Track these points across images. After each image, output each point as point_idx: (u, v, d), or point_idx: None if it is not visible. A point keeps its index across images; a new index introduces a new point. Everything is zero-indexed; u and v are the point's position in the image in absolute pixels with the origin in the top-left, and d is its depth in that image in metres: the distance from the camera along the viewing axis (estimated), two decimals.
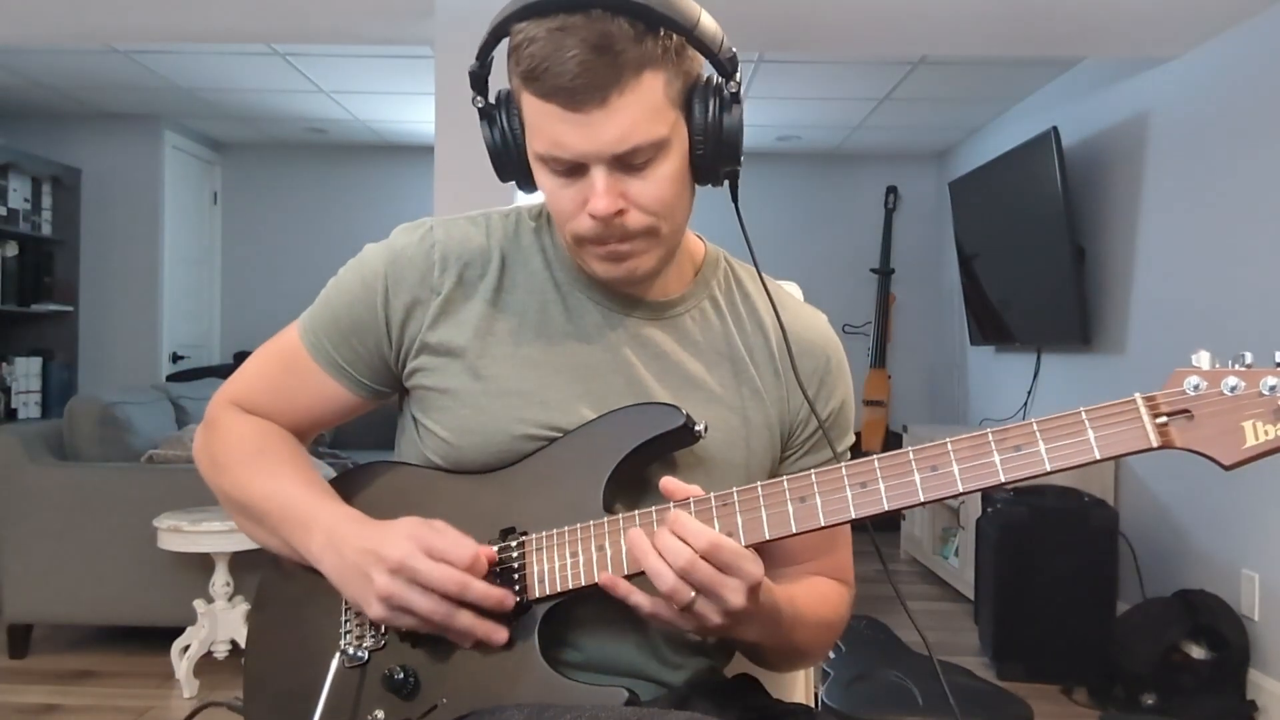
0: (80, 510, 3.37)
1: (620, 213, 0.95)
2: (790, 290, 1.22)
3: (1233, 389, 0.83)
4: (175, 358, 5.84)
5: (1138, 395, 0.84)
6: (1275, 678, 3.03)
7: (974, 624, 3.75)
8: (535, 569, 0.97)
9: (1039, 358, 4.65)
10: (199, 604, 3.12)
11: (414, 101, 5.12)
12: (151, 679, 3.23)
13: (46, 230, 5.41)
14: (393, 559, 0.94)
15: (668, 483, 0.95)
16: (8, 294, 5.15)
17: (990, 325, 4.99)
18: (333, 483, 1.11)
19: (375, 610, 0.96)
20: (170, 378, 5.48)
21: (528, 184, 1.03)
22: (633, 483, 1.02)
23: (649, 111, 0.92)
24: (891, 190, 6.21)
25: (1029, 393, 4.71)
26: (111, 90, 5.09)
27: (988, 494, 3.72)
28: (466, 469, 1.04)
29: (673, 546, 0.89)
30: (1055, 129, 4.08)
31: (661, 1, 0.91)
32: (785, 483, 0.93)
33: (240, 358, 5.82)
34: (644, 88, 0.92)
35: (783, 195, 6.09)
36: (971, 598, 3.89)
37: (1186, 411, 0.83)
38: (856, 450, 1.14)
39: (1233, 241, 3.28)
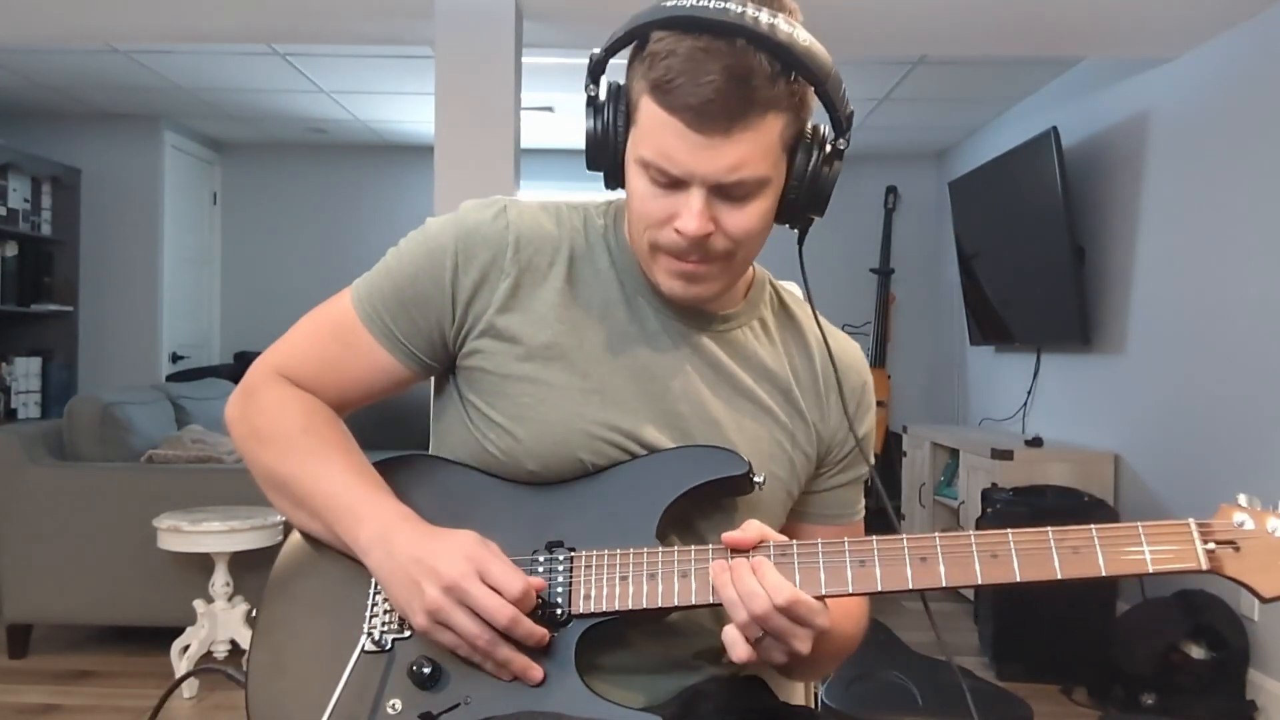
0: (80, 510, 3.37)
1: (707, 235, 0.97)
2: (792, 291, 1.23)
3: (1273, 530, 0.93)
4: (175, 358, 5.84)
5: (1192, 521, 0.92)
6: (1275, 678, 3.03)
7: (974, 624, 3.75)
8: (582, 586, 0.98)
9: (1039, 358, 4.65)
10: (199, 604, 3.12)
11: (414, 101, 5.12)
12: (151, 679, 3.23)
13: (46, 230, 5.41)
14: (448, 577, 0.94)
15: (729, 537, 0.96)
16: (7, 294, 5.16)
17: (990, 325, 4.99)
18: (378, 468, 1.09)
19: (419, 620, 0.95)
20: (170, 378, 5.49)
21: (614, 181, 1.03)
22: (683, 518, 1.03)
23: (762, 150, 0.95)
24: (891, 190, 6.21)
25: (1029, 393, 4.71)
26: (111, 90, 5.09)
27: (988, 494, 3.73)
28: (520, 459, 1.03)
29: (753, 591, 0.91)
30: (1055, 129, 4.08)
31: (804, 49, 0.93)
32: (846, 544, 0.95)
33: (241, 358, 5.83)
34: (766, 127, 0.94)
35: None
36: (971, 598, 3.90)
37: (1233, 543, 0.91)
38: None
39: (1232, 241, 3.28)
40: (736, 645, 0.91)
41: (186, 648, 3.11)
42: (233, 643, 3.14)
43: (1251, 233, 3.18)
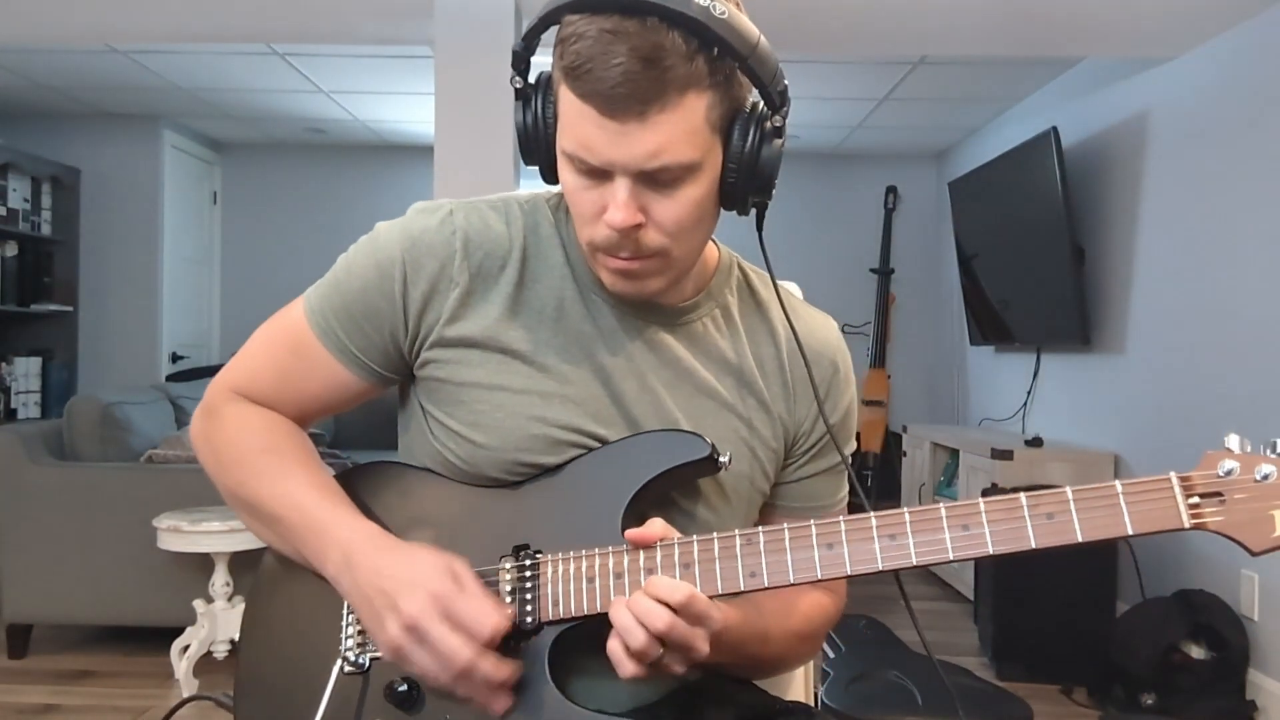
0: (80, 510, 3.37)
1: (637, 226, 0.93)
2: (790, 290, 1.22)
3: (1264, 476, 0.85)
4: (175, 358, 5.84)
5: (1173, 474, 0.86)
6: (1275, 678, 3.03)
7: (974, 624, 3.75)
8: (550, 590, 0.95)
9: (1039, 358, 4.65)
10: (199, 604, 3.12)
11: (414, 101, 5.12)
12: (151, 679, 3.23)
13: (46, 230, 5.41)
14: (408, 616, 0.90)
15: (632, 534, 0.93)
16: (7, 294, 5.16)
17: (990, 325, 4.99)
18: (338, 479, 1.07)
19: (384, 653, 0.94)
20: (170, 378, 5.48)
21: (551, 174, 1.00)
22: (649, 508, 1.01)
23: (685, 133, 0.90)
24: (891, 190, 6.21)
25: (1029, 393, 4.71)
26: (111, 90, 5.09)
27: (988, 494, 3.72)
28: (481, 467, 1.01)
29: (651, 610, 0.88)
30: (1055, 129, 4.08)
31: (720, 21, 0.87)
32: (813, 527, 0.91)
33: None
34: (685, 108, 0.89)
35: (782, 195, 5.96)
36: (971, 598, 3.89)
37: (1219, 494, 0.85)
38: (855, 451, 1.15)
39: (1232, 241, 3.28)
40: (624, 664, 0.89)
41: (186, 648, 3.11)
42: (232, 643, 3.14)
43: (1251, 232, 3.18)
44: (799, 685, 1.33)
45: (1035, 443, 4.06)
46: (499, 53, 3.38)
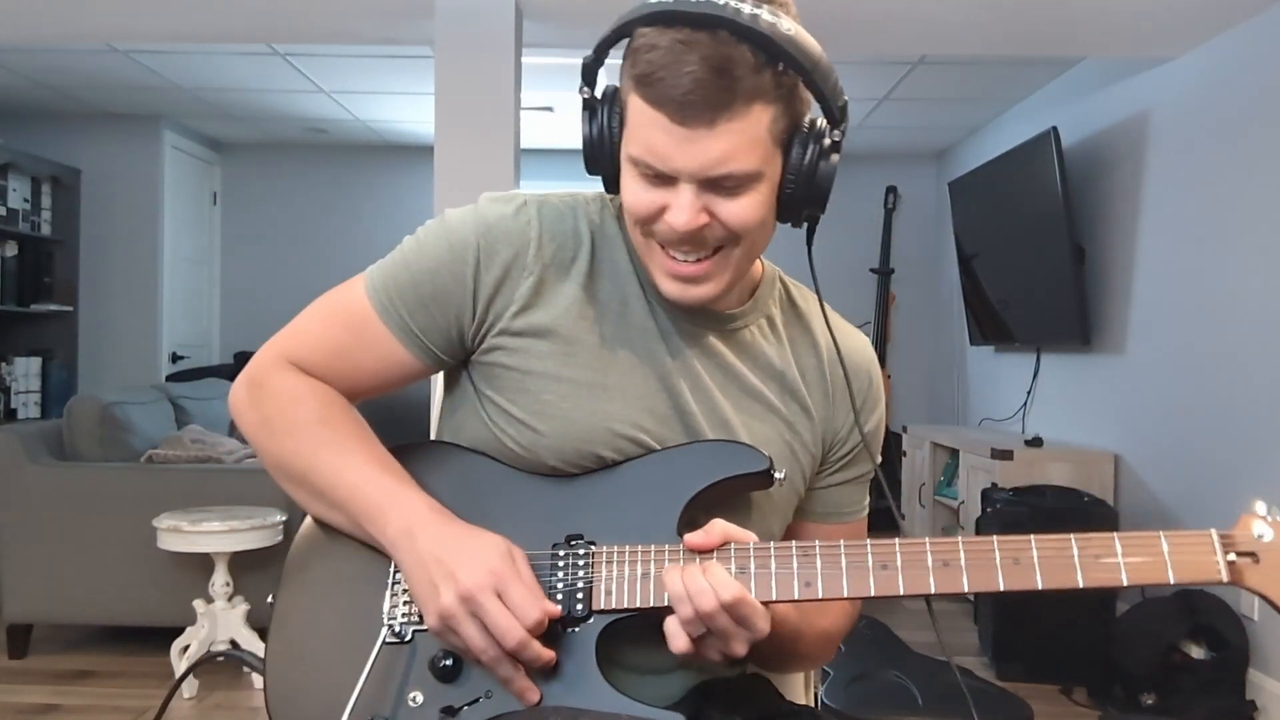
0: (80, 510, 3.37)
1: (701, 228, 0.96)
2: (801, 288, 1.23)
3: None
4: (175, 358, 5.84)
5: (1213, 531, 0.92)
6: (1275, 678, 3.03)
7: (974, 624, 3.75)
8: (603, 582, 0.97)
9: (1039, 358, 4.65)
10: (198, 604, 3.12)
11: (414, 101, 5.12)
12: (151, 679, 3.23)
13: (46, 230, 5.41)
14: (465, 586, 0.93)
15: (691, 540, 0.96)
16: (7, 294, 5.16)
17: (990, 325, 4.99)
18: (395, 454, 1.06)
19: (431, 621, 0.95)
20: (170, 378, 5.49)
21: (613, 185, 1.03)
22: (699, 513, 1.02)
23: (749, 142, 0.93)
24: (891, 190, 6.21)
25: (1029, 393, 4.71)
26: (111, 90, 5.09)
27: (988, 494, 3.73)
28: (541, 455, 1.02)
29: (703, 590, 0.91)
30: (1055, 129, 4.08)
31: (786, 38, 0.91)
32: (869, 546, 0.95)
33: (240, 357, 5.83)
34: (752, 118, 0.92)
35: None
36: (971, 598, 3.90)
37: (1254, 554, 0.91)
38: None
39: (1232, 241, 3.28)
40: (676, 637, 0.92)
41: (186, 648, 3.11)
42: (233, 643, 3.14)
43: (1251, 232, 3.18)
44: (799, 685, 1.33)
45: (1035, 443, 4.06)
46: (499, 53, 3.38)
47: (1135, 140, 3.88)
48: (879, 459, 1.18)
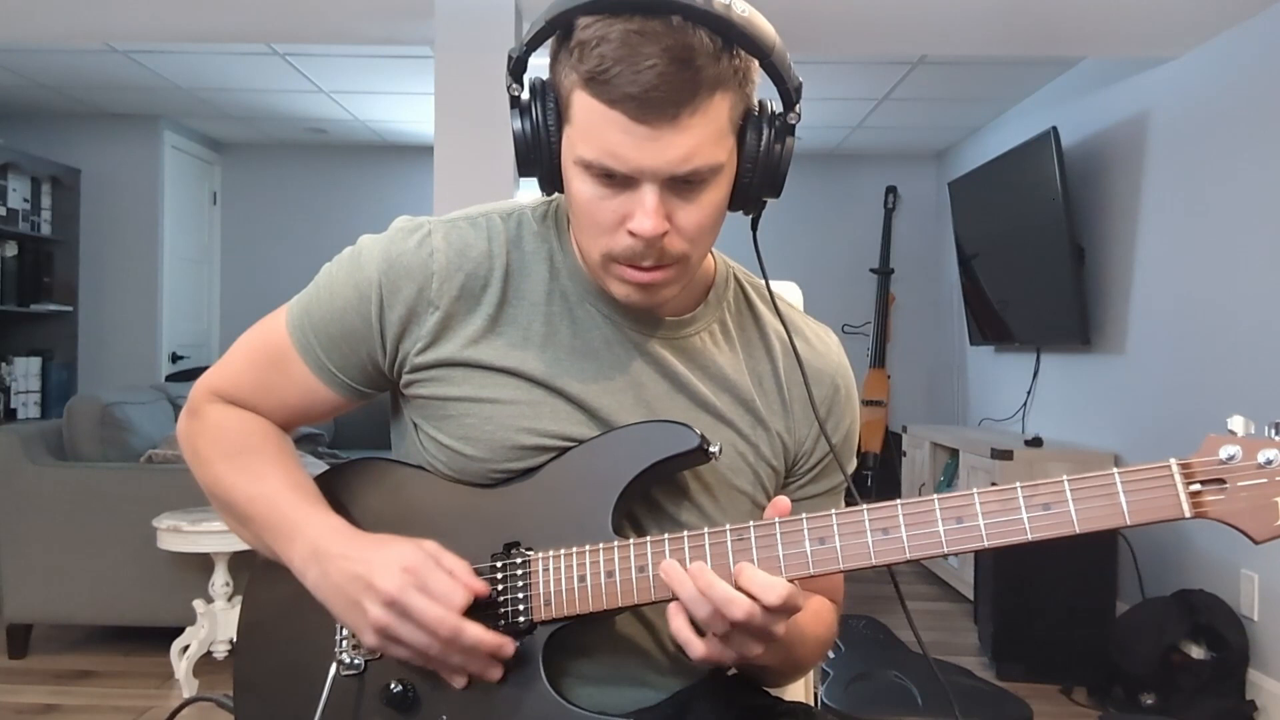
0: (80, 510, 3.37)
1: (662, 235, 0.90)
2: (787, 290, 1.21)
3: (1268, 462, 0.82)
4: (175, 358, 5.84)
5: (1173, 460, 0.83)
6: (1275, 678, 3.03)
7: (974, 624, 3.75)
8: (541, 589, 0.94)
9: (1038, 358, 4.65)
10: (198, 604, 3.12)
11: (414, 101, 5.12)
12: (151, 679, 3.23)
13: (46, 230, 5.41)
14: (386, 592, 0.90)
15: (669, 566, 0.89)
16: (7, 294, 5.15)
17: (990, 325, 4.99)
18: (325, 476, 1.07)
19: (368, 639, 0.93)
20: (169, 378, 5.48)
21: (551, 185, 0.96)
22: (639, 502, 0.99)
23: (714, 134, 0.88)
24: (891, 190, 6.21)
25: (1028, 393, 4.71)
26: (111, 90, 5.09)
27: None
28: (473, 476, 1.00)
29: (732, 599, 0.85)
30: (1055, 129, 4.08)
31: (743, 19, 0.86)
32: (805, 522, 0.89)
33: None
34: (714, 109, 0.87)
35: (782, 195, 6.08)
36: (971, 598, 3.89)
37: (1221, 480, 0.82)
38: (856, 451, 1.14)
39: (1232, 241, 3.28)
40: (692, 644, 0.88)
41: (186, 648, 3.11)
42: (232, 643, 3.14)
43: (1251, 232, 3.18)
44: (799, 685, 1.33)
45: (1035, 443, 4.06)
46: (499, 53, 3.35)
47: (1135, 140, 3.88)
48: (852, 465, 1.12)
